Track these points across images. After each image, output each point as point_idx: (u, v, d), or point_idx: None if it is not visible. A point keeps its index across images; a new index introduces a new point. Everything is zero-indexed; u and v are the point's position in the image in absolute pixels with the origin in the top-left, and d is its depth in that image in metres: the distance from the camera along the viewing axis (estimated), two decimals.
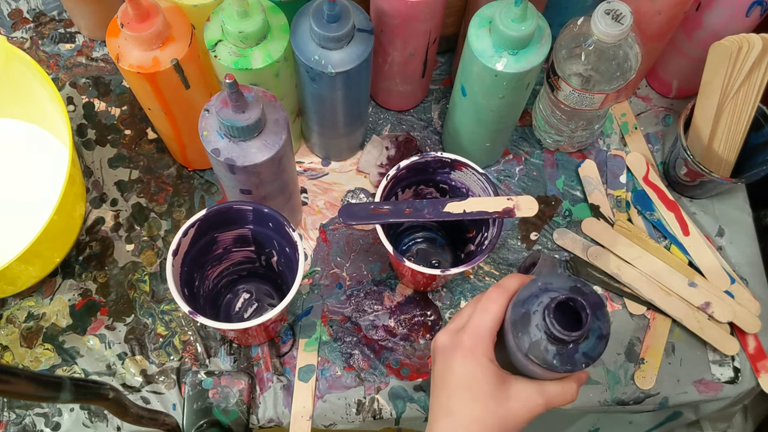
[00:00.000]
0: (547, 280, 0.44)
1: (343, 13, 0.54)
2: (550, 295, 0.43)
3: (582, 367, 0.42)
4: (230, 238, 0.59)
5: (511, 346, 0.44)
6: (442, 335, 0.48)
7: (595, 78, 0.61)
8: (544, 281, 0.44)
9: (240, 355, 0.64)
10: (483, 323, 0.46)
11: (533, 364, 0.43)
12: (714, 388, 0.66)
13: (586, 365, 0.42)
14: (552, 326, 0.41)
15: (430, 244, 0.69)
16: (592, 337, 0.42)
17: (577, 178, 0.73)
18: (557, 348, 0.42)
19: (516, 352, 0.44)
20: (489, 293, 0.47)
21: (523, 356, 0.43)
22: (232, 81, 0.47)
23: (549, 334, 0.42)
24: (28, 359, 0.64)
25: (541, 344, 0.42)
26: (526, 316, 0.43)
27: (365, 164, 0.71)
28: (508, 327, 0.44)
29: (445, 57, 0.77)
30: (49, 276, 0.66)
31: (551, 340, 0.42)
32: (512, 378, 0.45)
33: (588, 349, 0.42)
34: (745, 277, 0.69)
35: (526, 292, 0.44)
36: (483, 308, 0.46)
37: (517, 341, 0.43)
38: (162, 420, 0.55)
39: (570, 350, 0.42)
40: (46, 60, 0.76)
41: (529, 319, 0.43)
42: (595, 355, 0.42)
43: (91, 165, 0.71)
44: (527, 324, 0.43)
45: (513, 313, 0.44)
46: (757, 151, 0.67)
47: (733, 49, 0.59)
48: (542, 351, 0.42)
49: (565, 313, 0.42)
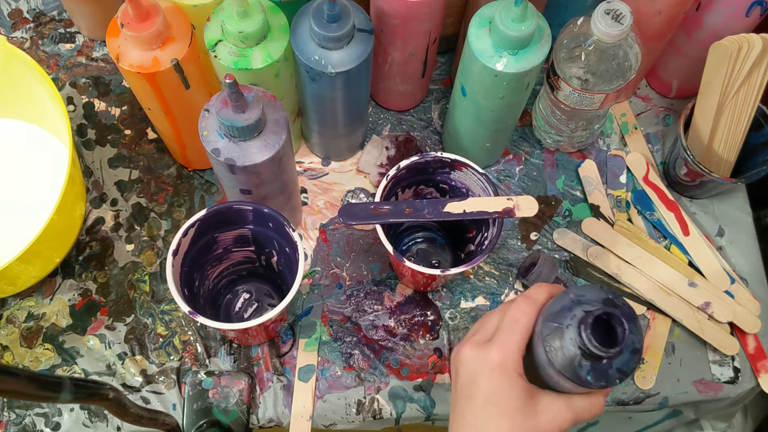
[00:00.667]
0: (579, 292, 0.43)
1: (343, 13, 0.54)
2: (583, 308, 0.41)
3: (616, 382, 0.41)
4: (230, 238, 0.59)
5: (541, 360, 0.43)
6: (467, 349, 0.46)
7: (595, 78, 0.61)
8: (576, 293, 0.42)
9: (240, 355, 0.64)
10: (512, 338, 0.44)
11: (565, 379, 0.42)
12: (714, 388, 0.66)
13: (620, 380, 0.41)
14: (589, 342, 0.39)
15: (430, 244, 0.69)
16: (626, 351, 0.41)
17: (577, 178, 0.73)
18: (591, 364, 0.41)
19: (547, 367, 0.43)
20: (517, 304, 0.45)
21: (555, 372, 0.42)
22: (232, 81, 0.47)
23: (584, 350, 0.40)
24: (28, 359, 0.64)
25: (575, 360, 0.41)
26: (559, 330, 0.42)
27: (365, 164, 0.71)
28: (539, 341, 0.43)
29: (445, 57, 0.77)
30: (49, 276, 0.66)
31: (586, 356, 0.40)
32: (540, 392, 0.44)
33: (622, 365, 0.41)
34: (745, 277, 0.69)
35: (557, 305, 0.43)
36: (512, 320, 0.44)
37: (550, 356, 0.42)
38: (162, 420, 0.55)
39: (604, 366, 0.41)
40: (46, 60, 0.76)
41: (562, 333, 0.41)
42: (629, 371, 0.41)
43: (91, 165, 0.71)
44: (560, 339, 0.41)
45: (544, 327, 0.43)
46: (757, 151, 0.67)
47: (733, 49, 0.59)
48: (576, 367, 0.41)
49: (598, 327, 0.40)
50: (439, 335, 0.66)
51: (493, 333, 0.46)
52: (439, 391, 0.64)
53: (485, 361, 0.44)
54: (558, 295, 0.44)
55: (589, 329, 0.40)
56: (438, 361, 0.65)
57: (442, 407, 0.63)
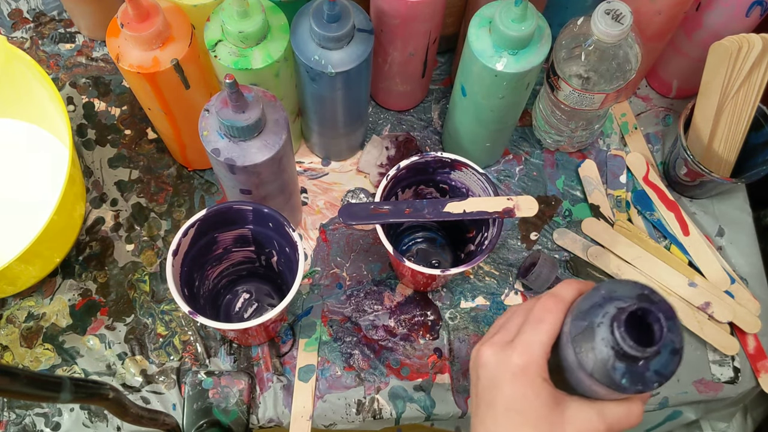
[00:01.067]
0: (611, 287, 0.39)
1: (343, 13, 0.54)
2: (616, 305, 0.38)
3: (654, 387, 0.37)
4: (230, 238, 0.59)
5: (570, 363, 0.40)
6: (488, 350, 0.42)
7: (595, 78, 0.61)
8: (608, 289, 0.39)
9: (240, 355, 0.64)
10: (537, 338, 0.40)
11: (597, 384, 0.38)
12: (714, 388, 0.66)
13: (658, 385, 0.37)
14: (623, 341, 0.36)
15: (430, 244, 0.69)
16: (665, 352, 0.37)
17: (577, 178, 0.73)
18: (626, 365, 0.37)
19: (577, 371, 0.39)
20: (543, 302, 0.42)
21: (586, 376, 0.39)
22: (232, 81, 0.47)
23: (618, 351, 0.37)
24: (28, 359, 0.64)
25: (608, 362, 0.37)
26: (590, 329, 0.38)
27: (365, 164, 0.71)
28: (567, 341, 0.40)
29: (445, 57, 0.77)
30: (49, 276, 0.66)
31: (620, 357, 0.37)
32: (568, 399, 0.40)
33: (660, 366, 0.37)
34: (745, 277, 0.69)
35: (587, 302, 0.39)
36: (537, 319, 0.41)
37: (579, 358, 0.38)
38: (162, 420, 0.55)
39: (640, 368, 0.37)
40: (46, 60, 0.76)
41: (593, 332, 0.38)
42: (668, 373, 0.37)
43: (91, 165, 0.71)
44: (591, 339, 0.38)
45: (573, 326, 0.39)
46: (757, 151, 0.67)
47: (733, 49, 0.59)
48: (609, 369, 0.37)
49: (633, 325, 0.37)
50: (439, 335, 0.66)
51: (516, 333, 0.42)
52: (439, 391, 0.64)
53: (507, 364, 0.41)
54: (588, 292, 0.40)
55: (623, 326, 0.36)
56: (438, 361, 0.65)
57: (442, 407, 0.63)
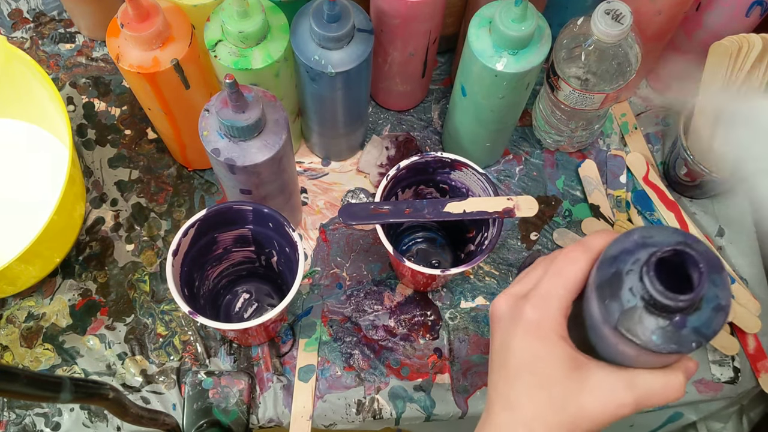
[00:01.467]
0: (645, 233, 0.34)
1: (343, 13, 0.54)
2: (649, 251, 0.33)
3: (692, 347, 0.32)
4: (230, 238, 0.59)
5: (594, 317, 0.35)
6: (502, 300, 0.38)
7: (595, 78, 0.61)
8: (641, 233, 0.34)
9: (240, 355, 0.64)
10: (554, 289, 0.35)
11: (624, 341, 0.33)
12: (714, 388, 0.66)
13: (697, 345, 0.32)
14: (653, 286, 0.31)
15: (430, 244, 0.69)
16: (707, 307, 0.32)
17: (577, 178, 0.73)
18: (658, 319, 0.32)
19: (602, 326, 0.34)
20: (567, 251, 0.36)
21: (611, 330, 0.33)
22: (232, 81, 0.47)
23: (648, 300, 0.32)
24: (28, 359, 0.64)
25: (635, 313, 0.32)
26: (617, 276, 0.33)
27: (365, 164, 0.71)
28: (592, 292, 0.35)
29: (445, 57, 0.77)
30: (49, 276, 0.66)
31: (651, 308, 0.32)
32: (592, 364, 0.35)
33: (700, 324, 0.32)
34: (745, 278, 0.69)
35: (617, 247, 0.34)
36: (556, 270, 0.36)
37: (603, 309, 0.33)
38: (162, 420, 0.55)
39: (676, 323, 0.32)
40: (46, 60, 0.76)
41: (621, 280, 0.33)
42: (710, 333, 0.32)
43: (91, 165, 0.71)
44: (618, 287, 0.33)
45: (599, 273, 0.34)
46: None
47: (733, 49, 0.59)
48: (637, 322, 0.32)
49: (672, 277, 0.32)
50: (439, 335, 0.66)
51: (534, 284, 0.37)
52: (439, 391, 0.64)
53: (519, 318, 0.36)
54: (618, 237, 0.35)
55: (653, 270, 0.31)
56: (438, 361, 0.65)
57: (442, 407, 0.63)
